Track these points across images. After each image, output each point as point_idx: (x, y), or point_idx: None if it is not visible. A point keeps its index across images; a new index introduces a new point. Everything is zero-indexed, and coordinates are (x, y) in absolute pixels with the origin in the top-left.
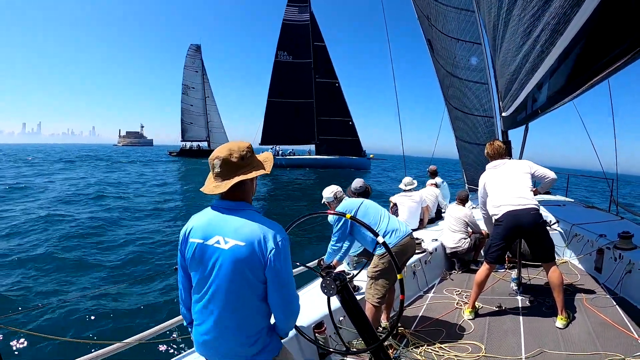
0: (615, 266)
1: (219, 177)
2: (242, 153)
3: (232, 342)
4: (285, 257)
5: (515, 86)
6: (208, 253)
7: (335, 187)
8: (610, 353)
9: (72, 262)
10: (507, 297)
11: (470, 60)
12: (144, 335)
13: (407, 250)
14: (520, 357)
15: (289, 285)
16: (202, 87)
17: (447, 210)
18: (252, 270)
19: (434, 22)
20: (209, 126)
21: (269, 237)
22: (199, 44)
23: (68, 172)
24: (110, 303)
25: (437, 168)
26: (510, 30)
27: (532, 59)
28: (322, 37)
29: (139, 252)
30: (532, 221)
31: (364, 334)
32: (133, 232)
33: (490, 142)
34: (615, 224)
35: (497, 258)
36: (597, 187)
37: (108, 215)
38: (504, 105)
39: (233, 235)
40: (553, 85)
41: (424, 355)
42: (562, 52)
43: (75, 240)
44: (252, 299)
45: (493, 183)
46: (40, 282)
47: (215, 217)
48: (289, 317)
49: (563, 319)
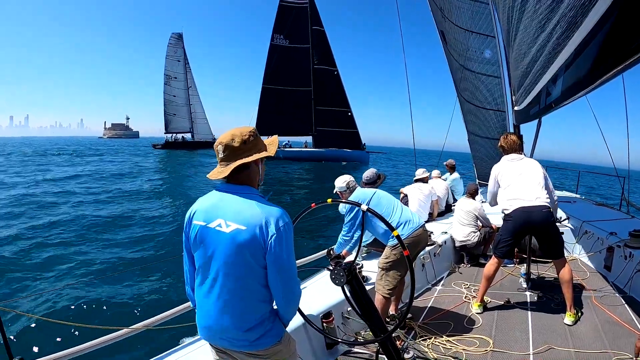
0: (625, 265)
1: (223, 162)
2: (244, 137)
3: (232, 327)
4: (287, 243)
5: (529, 80)
6: (210, 236)
7: (348, 176)
8: (619, 352)
9: (76, 248)
10: (515, 292)
11: (484, 53)
12: (151, 321)
13: (420, 242)
14: (528, 352)
15: (290, 270)
16: (185, 77)
17: (457, 203)
18: (253, 255)
19: (447, 14)
20: (193, 117)
21: (270, 222)
22: (180, 33)
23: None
24: (116, 289)
25: (455, 163)
26: (525, 22)
27: (547, 52)
28: (321, 20)
29: (144, 237)
30: (543, 219)
31: (373, 325)
32: (137, 217)
33: (504, 135)
34: (626, 222)
35: (506, 253)
36: (605, 184)
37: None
38: (516, 100)
39: (234, 218)
40: (568, 78)
41: (431, 347)
42: (578, 45)
43: (82, 226)
44: (254, 284)
45: (507, 176)
46: (45, 267)
47: (218, 200)
48: (290, 302)
49: (571, 316)
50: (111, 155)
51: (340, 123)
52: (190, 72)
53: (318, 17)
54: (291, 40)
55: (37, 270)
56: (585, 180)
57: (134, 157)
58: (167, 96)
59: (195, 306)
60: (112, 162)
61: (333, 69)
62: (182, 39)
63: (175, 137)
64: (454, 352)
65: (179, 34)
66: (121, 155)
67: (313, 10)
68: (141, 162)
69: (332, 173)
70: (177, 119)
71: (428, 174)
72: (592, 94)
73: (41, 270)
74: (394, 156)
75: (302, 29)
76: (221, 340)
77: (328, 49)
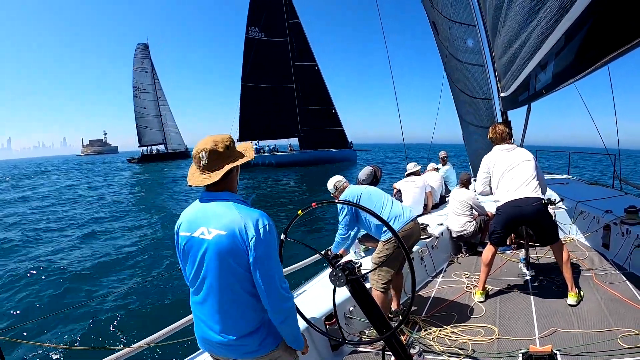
0: (623, 241)
1: (206, 169)
2: (226, 143)
3: (228, 335)
4: (268, 244)
5: (516, 65)
6: (195, 245)
7: (336, 177)
8: (624, 329)
9: (71, 272)
10: (516, 277)
11: (467, 42)
12: (153, 338)
13: (412, 235)
14: (534, 337)
15: (272, 270)
16: (154, 87)
17: (451, 194)
18: (236, 260)
19: (435, 4)
20: (164, 128)
21: (249, 225)
22: (146, 43)
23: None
24: (114, 308)
25: (447, 154)
26: (515, 8)
27: (534, 36)
28: (296, 12)
29: (139, 253)
30: (534, 212)
31: (376, 322)
32: (133, 233)
33: (492, 126)
34: (620, 199)
35: (500, 241)
36: (598, 167)
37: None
38: (502, 86)
39: (215, 224)
40: (559, 64)
41: (437, 340)
42: (567, 29)
43: (72, 248)
44: (243, 291)
45: (499, 167)
46: (39, 293)
47: (200, 208)
48: (277, 306)
49: (574, 295)
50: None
51: (324, 122)
52: (159, 82)
53: (293, 8)
54: (267, 34)
55: (31, 295)
56: (575, 163)
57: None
58: (138, 109)
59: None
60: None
61: (313, 63)
62: (149, 49)
63: (151, 150)
64: (460, 343)
65: (144, 44)
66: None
67: (288, 0)
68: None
69: (322, 176)
70: (149, 131)
71: (419, 167)
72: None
73: (36, 293)
74: (382, 153)
75: (279, 21)
76: (219, 349)
77: (306, 43)
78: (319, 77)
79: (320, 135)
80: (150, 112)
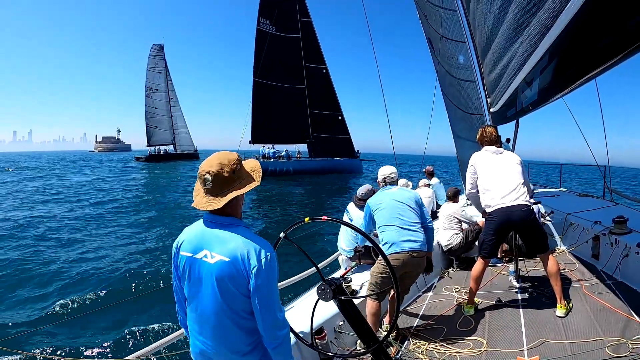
0: (612, 252)
1: (210, 193)
2: (233, 167)
3: (224, 353)
4: (268, 275)
5: (504, 80)
6: (196, 267)
7: (390, 168)
8: (613, 337)
9: (61, 283)
10: (506, 290)
11: (459, 59)
12: (145, 351)
13: (406, 265)
14: (522, 349)
15: (270, 299)
16: (166, 88)
17: (440, 209)
18: (236, 286)
19: (430, 21)
20: (174, 128)
21: (252, 254)
22: (161, 44)
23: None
24: (104, 322)
25: (433, 168)
26: (503, 26)
27: (520, 53)
28: (308, 11)
29: (129, 267)
30: (523, 217)
31: (363, 335)
32: (122, 243)
33: (482, 127)
34: (609, 210)
35: (491, 252)
36: (589, 178)
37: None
38: (492, 101)
39: (219, 250)
40: (542, 81)
41: (426, 354)
42: (548, 48)
43: (62, 257)
44: (240, 313)
45: (488, 171)
46: (28, 304)
47: (204, 231)
48: (272, 333)
49: (562, 307)
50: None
51: (333, 128)
52: (172, 84)
53: (305, 6)
54: (278, 28)
55: (23, 304)
56: (566, 177)
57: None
58: (149, 108)
59: (189, 334)
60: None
61: (322, 66)
62: (164, 50)
63: (159, 150)
64: (448, 356)
65: (160, 45)
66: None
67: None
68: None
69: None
70: (159, 131)
71: (410, 184)
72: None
73: (28, 303)
74: (380, 162)
75: (291, 16)
76: None
77: (317, 44)
78: (329, 80)
79: (329, 142)
80: (161, 113)
